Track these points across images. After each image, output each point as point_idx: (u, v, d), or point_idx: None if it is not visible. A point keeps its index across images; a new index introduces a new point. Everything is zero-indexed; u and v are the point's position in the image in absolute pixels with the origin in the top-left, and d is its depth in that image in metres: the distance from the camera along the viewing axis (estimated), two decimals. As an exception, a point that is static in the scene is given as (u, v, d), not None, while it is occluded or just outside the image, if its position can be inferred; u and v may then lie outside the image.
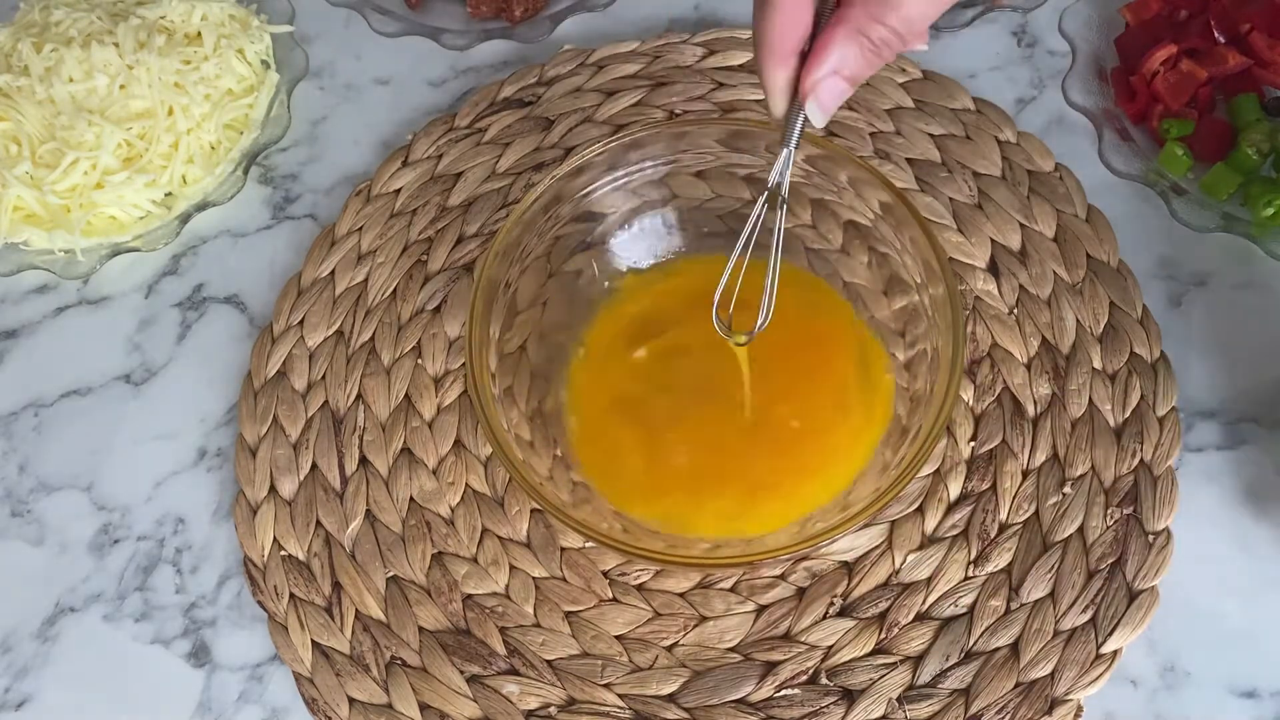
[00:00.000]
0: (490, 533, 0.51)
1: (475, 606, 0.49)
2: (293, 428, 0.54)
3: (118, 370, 0.58)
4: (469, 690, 0.48)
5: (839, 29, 0.38)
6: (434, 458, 0.53)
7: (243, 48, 0.64)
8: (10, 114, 0.60)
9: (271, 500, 0.52)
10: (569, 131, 0.61)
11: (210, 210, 0.61)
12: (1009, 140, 0.59)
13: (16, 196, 0.59)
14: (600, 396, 0.52)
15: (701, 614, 0.49)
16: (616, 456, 0.50)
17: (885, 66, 0.62)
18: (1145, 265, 0.56)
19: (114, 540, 0.53)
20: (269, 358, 0.56)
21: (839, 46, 0.38)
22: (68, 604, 0.52)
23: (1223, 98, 0.59)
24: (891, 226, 0.49)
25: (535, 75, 0.64)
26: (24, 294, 0.61)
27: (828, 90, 0.39)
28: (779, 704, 0.47)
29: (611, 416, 0.51)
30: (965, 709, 0.46)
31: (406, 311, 0.57)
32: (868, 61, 0.38)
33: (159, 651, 0.50)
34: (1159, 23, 0.60)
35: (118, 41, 0.61)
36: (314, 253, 0.59)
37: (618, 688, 0.48)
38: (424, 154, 0.62)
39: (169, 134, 0.60)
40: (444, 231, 0.59)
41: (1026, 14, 0.64)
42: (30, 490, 0.55)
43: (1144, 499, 0.49)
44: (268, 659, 0.50)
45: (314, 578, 0.50)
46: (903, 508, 0.50)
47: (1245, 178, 0.56)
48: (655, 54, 0.64)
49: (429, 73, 0.66)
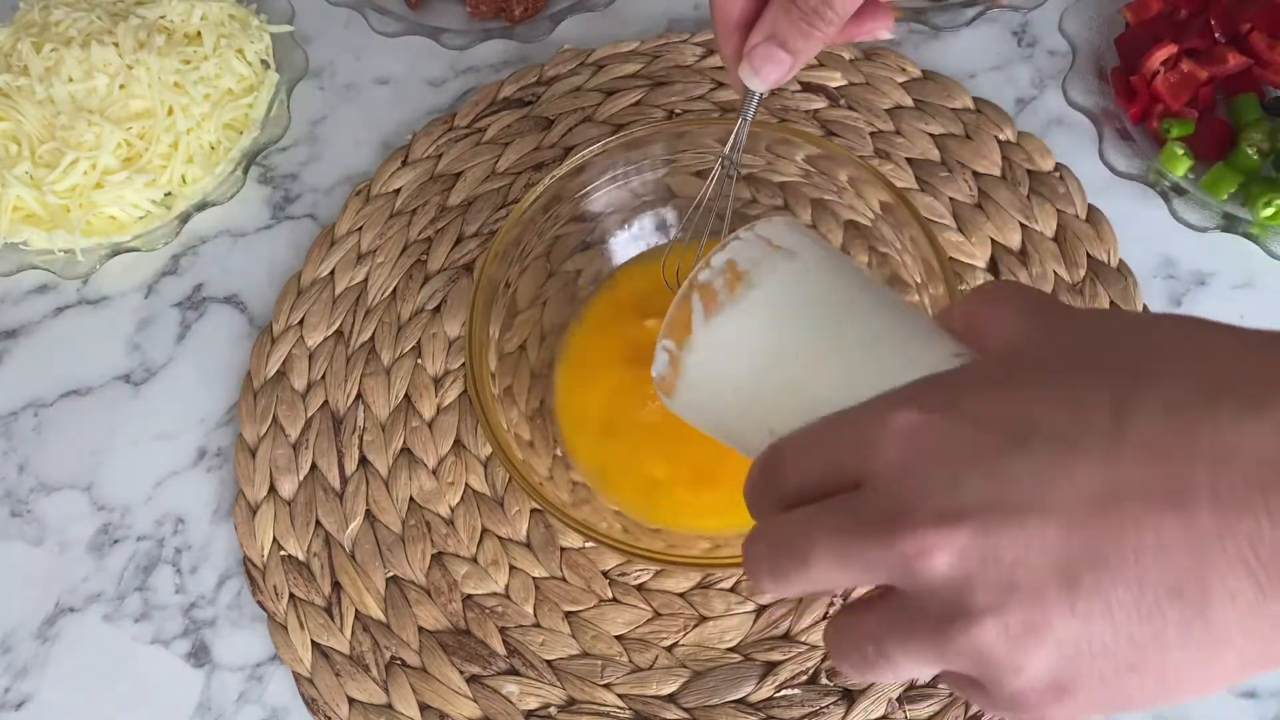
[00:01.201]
0: (490, 533, 0.51)
1: (475, 606, 0.49)
2: (292, 428, 0.54)
3: (117, 370, 0.58)
4: (469, 690, 0.48)
5: (776, 0, 0.41)
6: (434, 458, 0.53)
7: (242, 47, 0.64)
8: (10, 114, 0.60)
9: (271, 500, 0.52)
10: (569, 131, 0.61)
11: (210, 210, 0.61)
12: (1009, 140, 0.59)
13: (16, 196, 0.59)
14: (593, 395, 0.51)
15: (701, 614, 0.49)
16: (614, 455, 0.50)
17: (885, 66, 0.62)
18: (1145, 265, 0.56)
19: (114, 540, 0.53)
20: (269, 357, 0.56)
21: (772, 14, 0.41)
22: (67, 604, 0.52)
23: (1223, 97, 0.59)
24: (892, 226, 0.49)
25: (535, 75, 0.64)
26: (24, 294, 0.61)
27: (760, 55, 0.42)
28: (779, 704, 0.47)
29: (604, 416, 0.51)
30: (965, 709, 0.46)
31: (406, 311, 0.57)
32: (799, 30, 0.41)
33: (159, 651, 0.50)
34: (1159, 22, 0.60)
35: (117, 41, 0.61)
36: (314, 252, 0.59)
37: (618, 688, 0.47)
38: (424, 154, 0.62)
39: (169, 134, 0.60)
40: (444, 231, 0.59)
41: (1026, 14, 0.64)
42: (30, 490, 0.55)
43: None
44: (267, 659, 0.50)
45: (314, 578, 0.50)
46: (903, 508, 0.50)
47: (1245, 177, 0.56)
48: (655, 54, 0.64)
49: (429, 73, 0.66)
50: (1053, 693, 0.25)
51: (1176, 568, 0.23)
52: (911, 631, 0.26)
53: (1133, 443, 0.23)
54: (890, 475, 0.24)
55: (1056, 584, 0.23)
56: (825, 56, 0.63)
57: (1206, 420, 0.23)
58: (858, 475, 0.25)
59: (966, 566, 0.24)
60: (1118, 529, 0.23)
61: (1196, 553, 0.22)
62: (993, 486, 0.24)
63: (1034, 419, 0.24)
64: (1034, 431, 0.23)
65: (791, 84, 0.62)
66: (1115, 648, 0.24)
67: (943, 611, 0.25)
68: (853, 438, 0.26)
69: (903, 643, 0.26)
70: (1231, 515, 0.22)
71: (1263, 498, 0.22)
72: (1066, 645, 0.24)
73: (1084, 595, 0.23)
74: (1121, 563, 0.23)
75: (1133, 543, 0.23)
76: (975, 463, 0.24)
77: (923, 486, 0.24)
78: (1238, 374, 0.23)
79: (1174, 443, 0.23)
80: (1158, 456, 0.23)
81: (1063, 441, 0.23)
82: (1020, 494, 0.23)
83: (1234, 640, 0.23)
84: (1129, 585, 0.23)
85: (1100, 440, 0.23)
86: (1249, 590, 0.22)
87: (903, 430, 0.24)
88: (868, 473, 0.25)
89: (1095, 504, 0.23)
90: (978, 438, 0.24)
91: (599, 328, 0.53)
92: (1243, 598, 0.23)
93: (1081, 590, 0.23)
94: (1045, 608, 0.24)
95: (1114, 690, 0.24)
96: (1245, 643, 0.23)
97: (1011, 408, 0.24)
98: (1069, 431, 0.23)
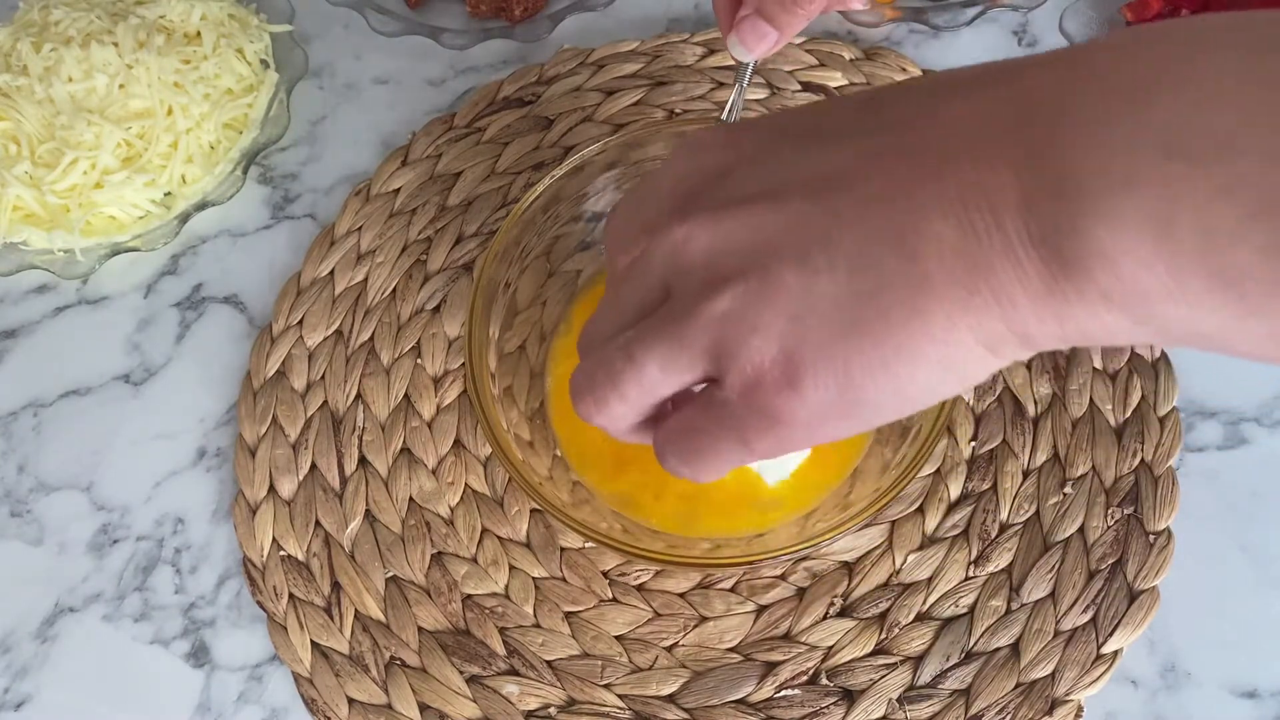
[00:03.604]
0: (490, 533, 0.51)
1: (475, 607, 0.49)
2: (292, 428, 0.54)
3: (117, 370, 0.58)
4: (469, 691, 0.48)
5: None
6: (433, 458, 0.53)
7: (242, 47, 0.64)
8: (9, 113, 0.60)
9: (271, 500, 0.52)
10: (568, 131, 0.61)
11: (209, 210, 0.61)
12: (1009, 140, 0.59)
13: (16, 196, 0.59)
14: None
15: (701, 614, 0.49)
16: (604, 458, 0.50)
17: (885, 66, 0.62)
18: (1146, 265, 0.56)
19: (113, 540, 0.53)
20: (268, 357, 0.56)
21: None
22: (67, 604, 0.52)
23: (1223, 97, 0.59)
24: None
25: (535, 75, 0.64)
26: (23, 294, 0.61)
27: (747, 28, 0.45)
28: (779, 704, 0.47)
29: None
30: (966, 709, 0.46)
31: (406, 311, 0.57)
32: (782, 5, 0.44)
33: (158, 651, 0.50)
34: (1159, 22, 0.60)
35: (117, 41, 0.61)
36: (313, 252, 0.59)
37: (618, 688, 0.47)
38: (423, 153, 0.62)
39: (168, 134, 0.60)
40: (443, 231, 0.59)
41: (1027, 14, 0.64)
42: (29, 490, 0.55)
43: (1144, 499, 0.49)
44: (267, 659, 0.50)
45: (313, 578, 0.50)
46: (903, 507, 0.50)
47: (1246, 177, 0.56)
48: (655, 53, 0.64)
49: (428, 72, 0.66)
50: (782, 370, 0.27)
51: (897, 217, 0.25)
52: (660, 326, 0.29)
53: (878, 125, 0.27)
54: (664, 182, 0.30)
55: (793, 245, 0.27)
56: (826, 56, 0.63)
57: (941, 101, 0.26)
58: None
59: (713, 244, 0.28)
60: (851, 181, 0.26)
61: (914, 200, 0.25)
62: (744, 184, 0.27)
63: (792, 132, 0.28)
64: (788, 139, 0.28)
65: (792, 84, 0.62)
66: (839, 301, 0.26)
67: (697, 292, 0.28)
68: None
69: (648, 341, 0.29)
70: (950, 164, 0.25)
71: (971, 149, 0.25)
72: (796, 302, 0.26)
73: (816, 248, 0.26)
74: (854, 216, 0.26)
75: (861, 193, 0.26)
76: (727, 173, 0.28)
77: (689, 187, 0.29)
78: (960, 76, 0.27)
79: (913, 115, 0.26)
80: (898, 125, 0.26)
81: (816, 137, 0.27)
82: (767, 180, 0.27)
83: (937, 286, 0.25)
84: (855, 236, 0.26)
85: (849, 135, 0.27)
86: (953, 232, 0.25)
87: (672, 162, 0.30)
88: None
89: (835, 173, 0.26)
90: (727, 160, 0.28)
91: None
92: (947, 240, 0.25)
93: (813, 244, 0.26)
94: (781, 264, 0.27)
95: (838, 368, 0.26)
96: (947, 290, 0.25)
97: (776, 148, 0.28)
98: (824, 132, 0.28)
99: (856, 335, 0.26)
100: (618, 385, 0.30)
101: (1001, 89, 0.25)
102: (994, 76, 0.26)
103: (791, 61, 0.63)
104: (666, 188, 0.30)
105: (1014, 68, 0.26)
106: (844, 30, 0.65)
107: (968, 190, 0.25)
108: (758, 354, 0.27)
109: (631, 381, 0.30)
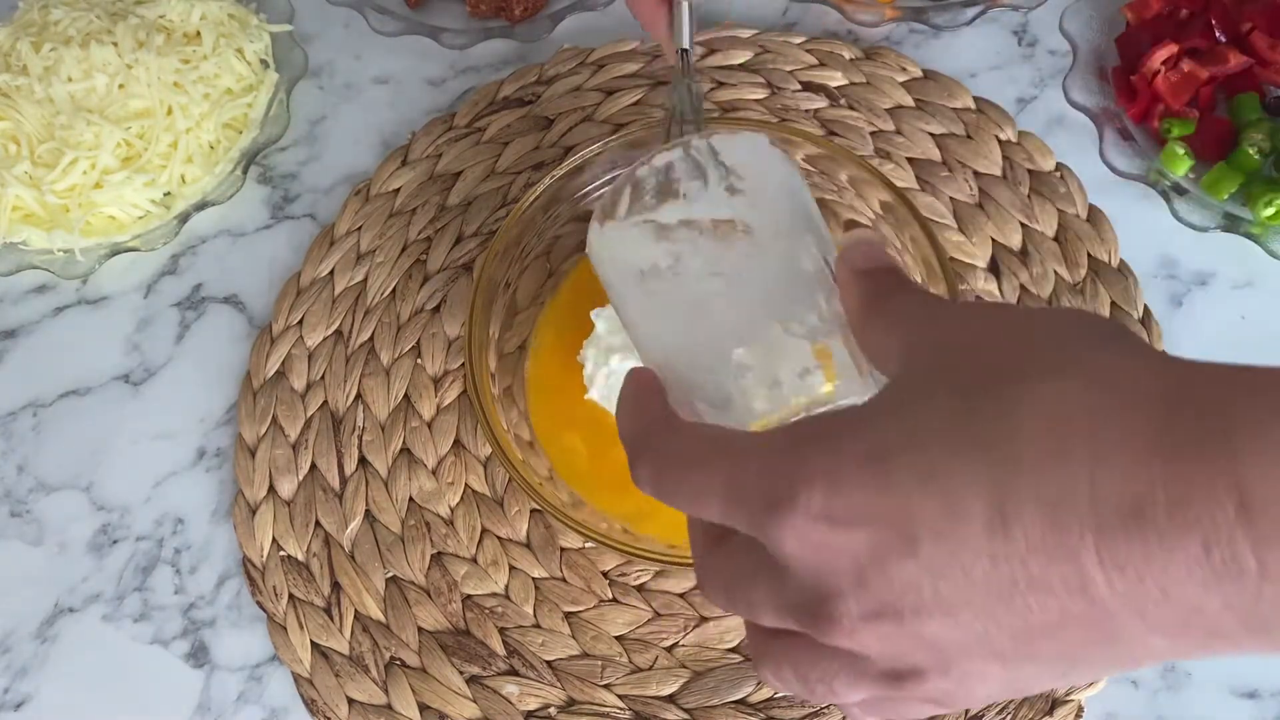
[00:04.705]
0: (490, 533, 0.51)
1: (475, 607, 0.49)
2: (292, 428, 0.54)
3: (117, 370, 0.58)
4: (468, 691, 0.48)
5: None
6: (433, 458, 0.53)
7: (242, 47, 0.64)
8: (9, 113, 0.60)
9: (270, 500, 0.52)
10: (568, 130, 0.61)
11: (209, 210, 0.61)
12: (1010, 139, 0.59)
13: (15, 196, 0.59)
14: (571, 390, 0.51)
15: (701, 614, 0.49)
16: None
17: (885, 66, 0.62)
18: (1146, 265, 0.56)
19: (113, 540, 0.53)
20: (268, 357, 0.56)
21: None
22: (67, 604, 0.52)
23: (1224, 97, 0.59)
24: (892, 226, 0.49)
25: (535, 74, 0.64)
26: (23, 294, 0.61)
27: None
28: (779, 705, 0.47)
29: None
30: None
31: (406, 311, 0.57)
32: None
33: (158, 652, 0.50)
34: (1160, 22, 0.60)
35: (116, 41, 0.61)
36: (313, 252, 0.59)
37: (617, 688, 0.47)
38: (423, 153, 0.62)
39: (168, 133, 0.60)
40: (443, 231, 0.59)
41: (1027, 13, 0.64)
42: (29, 490, 0.55)
43: (1145, 499, 0.49)
44: (267, 659, 0.50)
45: (313, 578, 0.50)
46: (903, 508, 0.50)
47: (1246, 177, 0.56)
48: (655, 53, 0.64)
49: (428, 72, 0.66)
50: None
51: (1086, 630, 0.24)
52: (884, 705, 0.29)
53: (1016, 538, 0.24)
54: (805, 572, 0.26)
55: (980, 657, 0.26)
56: (825, 56, 0.63)
57: (1085, 531, 0.24)
58: (773, 553, 0.27)
59: (894, 651, 0.26)
60: (1022, 612, 0.25)
61: (1104, 621, 0.24)
62: (896, 588, 0.25)
63: (916, 518, 0.25)
64: (919, 534, 0.25)
65: (792, 83, 0.62)
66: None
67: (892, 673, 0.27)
68: (760, 518, 0.27)
69: (867, 706, 0.29)
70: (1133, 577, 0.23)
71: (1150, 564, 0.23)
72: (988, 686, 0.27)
73: (1011, 664, 0.26)
74: (1031, 639, 0.25)
75: (1039, 621, 0.24)
76: (879, 568, 0.26)
77: (837, 586, 0.26)
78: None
79: (1054, 544, 0.24)
80: (1044, 555, 0.24)
81: (949, 541, 0.25)
82: (919, 595, 0.25)
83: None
84: (1038, 659, 0.25)
85: (985, 538, 0.24)
86: (1163, 645, 0.24)
87: (801, 530, 0.26)
88: (781, 557, 0.27)
89: (995, 595, 0.25)
90: (874, 539, 0.25)
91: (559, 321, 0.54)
92: (1158, 651, 0.24)
93: (1004, 671, 0.26)
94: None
95: None
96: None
97: (893, 502, 0.25)
98: (950, 531, 0.25)
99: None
100: (807, 686, 0.30)
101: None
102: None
103: (792, 61, 0.63)
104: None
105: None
106: (844, 30, 0.65)
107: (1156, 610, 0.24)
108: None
109: (823, 695, 0.30)
